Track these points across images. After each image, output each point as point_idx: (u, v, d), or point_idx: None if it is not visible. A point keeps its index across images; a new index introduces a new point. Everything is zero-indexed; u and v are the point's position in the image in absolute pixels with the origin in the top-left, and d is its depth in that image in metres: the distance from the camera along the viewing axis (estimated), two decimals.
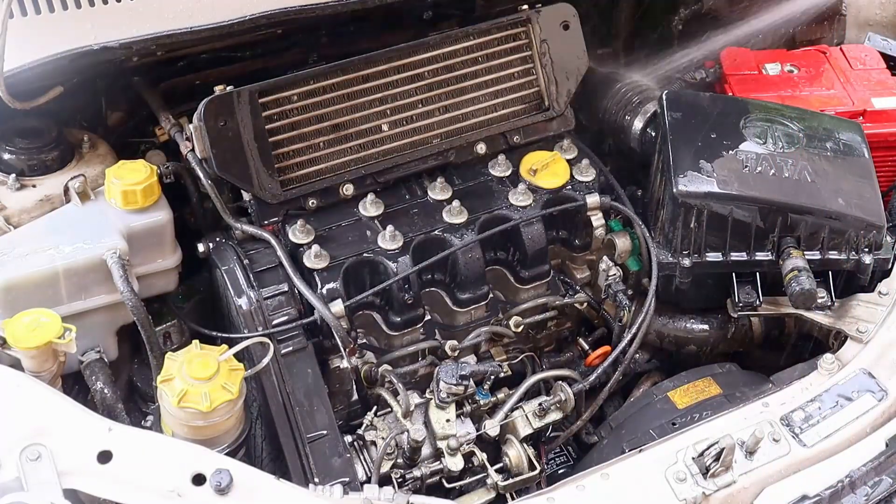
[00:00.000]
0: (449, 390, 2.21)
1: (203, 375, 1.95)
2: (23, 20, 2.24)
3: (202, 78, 2.52)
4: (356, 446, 2.20)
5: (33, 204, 2.34)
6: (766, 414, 2.02)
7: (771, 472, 1.93)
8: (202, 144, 2.28)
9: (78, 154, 2.46)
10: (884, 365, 2.11)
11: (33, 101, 2.31)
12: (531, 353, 2.51)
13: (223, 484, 1.72)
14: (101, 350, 2.23)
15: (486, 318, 2.44)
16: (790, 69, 2.95)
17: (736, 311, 2.40)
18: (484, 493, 2.20)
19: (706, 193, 2.35)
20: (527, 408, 2.31)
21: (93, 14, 2.28)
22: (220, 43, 2.43)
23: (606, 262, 2.49)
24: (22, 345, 1.97)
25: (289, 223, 2.36)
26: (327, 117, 2.40)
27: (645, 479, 1.91)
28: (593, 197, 2.48)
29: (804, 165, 2.40)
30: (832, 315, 2.32)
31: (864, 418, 2.01)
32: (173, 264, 2.36)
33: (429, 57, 2.47)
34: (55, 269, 2.15)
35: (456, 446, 2.19)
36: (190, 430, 1.95)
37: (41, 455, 1.71)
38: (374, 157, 2.45)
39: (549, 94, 2.59)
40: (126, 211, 2.28)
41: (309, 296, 2.21)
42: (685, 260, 2.40)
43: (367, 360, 2.31)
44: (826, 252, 2.37)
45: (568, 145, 2.59)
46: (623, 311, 2.43)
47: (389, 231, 2.34)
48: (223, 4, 2.32)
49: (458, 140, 2.52)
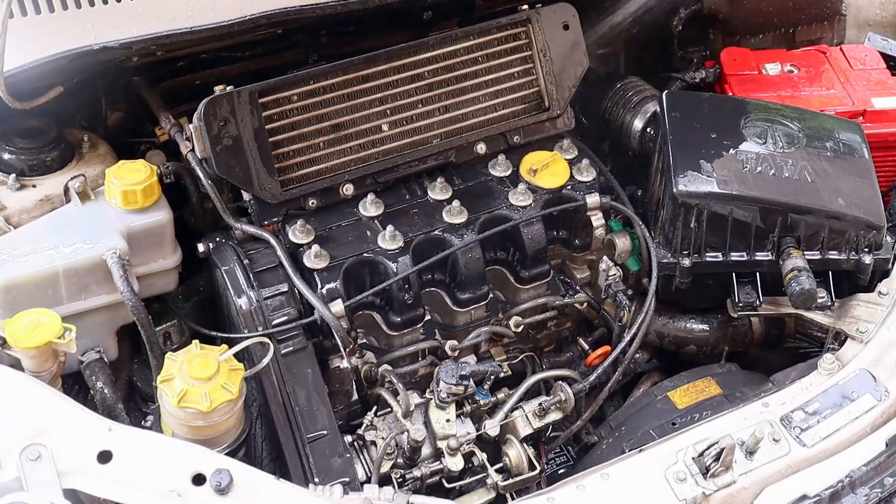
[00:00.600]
0: (449, 390, 2.21)
1: (203, 375, 1.95)
2: (23, 20, 2.24)
3: (202, 78, 2.52)
4: (356, 446, 2.20)
5: (33, 204, 2.34)
6: (766, 414, 2.02)
7: (771, 472, 1.93)
8: (202, 144, 2.28)
9: (78, 154, 2.46)
10: (884, 365, 2.11)
11: (33, 101, 2.30)
12: (531, 353, 2.51)
13: (223, 484, 1.72)
14: (101, 350, 2.23)
15: (486, 318, 2.44)
16: (790, 69, 2.96)
17: (736, 311, 2.41)
18: (484, 493, 2.20)
19: (706, 193, 2.35)
20: (527, 408, 2.31)
21: (93, 14, 2.28)
22: (220, 43, 2.43)
23: (606, 262, 2.49)
24: (22, 345, 1.96)
25: (289, 223, 2.36)
26: (327, 117, 2.40)
27: (645, 479, 1.91)
28: (593, 197, 2.48)
29: (804, 165, 2.40)
30: (832, 315, 2.32)
31: (864, 418, 2.01)
32: (173, 264, 2.36)
33: (429, 57, 2.47)
34: (55, 269, 2.15)
35: (456, 446, 2.19)
36: (190, 430, 1.95)
37: (41, 455, 1.71)
38: (374, 157, 2.45)
39: (549, 94, 2.59)
40: (126, 211, 2.28)
41: (309, 296, 2.21)
42: (685, 260, 2.40)
43: (367, 360, 2.32)
44: (826, 252, 2.37)
45: (568, 145, 2.59)
46: (623, 311, 2.43)
47: (389, 231, 2.34)
48: (223, 4, 2.32)
49: (458, 140, 2.52)
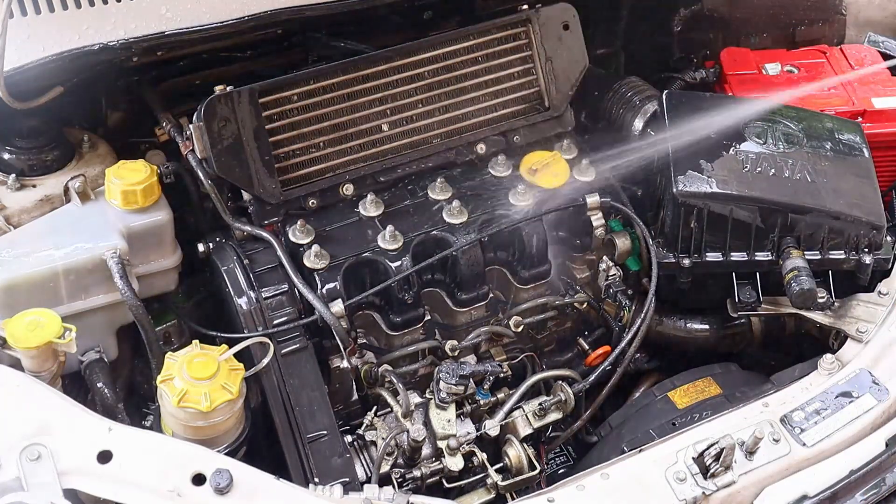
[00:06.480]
0: (449, 390, 2.21)
1: (203, 375, 1.95)
2: (23, 20, 2.24)
3: (202, 78, 2.52)
4: (356, 446, 2.20)
5: (33, 204, 2.34)
6: (766, 414, 2.02)
7: (771, 472, 1.93)
8: (202, 144, 2.28)
9: (78, 154, 2.46)
10: (884, 365, 2.11)
11: (33, 101, 2.30)
12: (531, 353, 2.51)
13: (223, 484, 1.72)
14: (101, 350, 2.23)
15: (486, 318, 2.44)
16: (790, 69, 2.95)
17: (736, 311, 2.40)
18: (484, 493, 2.20)
19: (706, 193, 2.34)
20: (527, 408, 2.31)
21: (93, 14, 2.28)
22: (220, 43, 2.43)
23: (606, 262, 2.49)
24: (22, 345, 1.96)
25: (289, 223, 2.36)
26: (327, 117, 2.40)
27: (645, 479, 1.91)
28: (593, 197, 2.48)
29: (804, 165, 2.40)
30: (832, 315, 2.32)
31: (865, 418, 2.01)
32: (173, 264, 2.36)
33: (429, 57, 2.47)
34: (55, 269, 2.14)
35: (456, 446, 2.19)
36: (190, 430, 1.95)
37: (41, 455, 1.71)
38: (374, 157, 2.45)
39: (549, 94, 2.59)
40: (126, 211, 2.28)
41: (309, 296, 2.21)
42: (685, 260, 2.40)
43: (367, 360, 2.31)
44: (826, 252, 2.37)
45: (568, 145, 2.59)
46: (623, 311, 2.43)
47: (389, 231, 2.34)
48: (223, 4, 2.32)
49: (458, 140, 2.52)
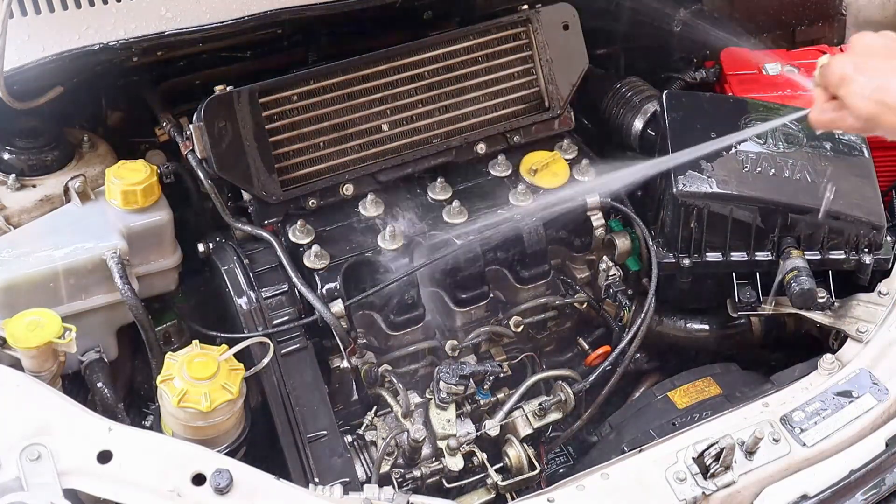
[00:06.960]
0: (449, 390, 2.21)
1: (203, 375, 1.95)
2: (23, 20, 2.24)
3: (202, 78, 2.51)
4: (356, 446, 2.20)
5: (33, 204, 2.34)
6: (766, 414, 2.02)
7: (771, 472, 1.93)
8: (202, 144, 2.28)
9: (78, 154, 2.45)
10: (884, 365, 2.10)
11: (33, 101, 2.30)
12: (531, 353, 2.51)
13: (223, 484, 1.72)
14: (101, 350, 2.23)
15: (486, 318, 2.44)
16: (790, 69, 2.95)
17: (736, 311, 2.40)
18: (484, 493, 2.20)
19: (706, 193, 2.34)
20: (527, 408, 2.31)
21: (93, 14, 2.28)
22: (220, 43, 2.43)
23: (606, 262, 2.48)
24: (22, 345, 1.96)
25: (289, 223, 2.36)
26: (327, 117, 2.40)
27: (645, 479, 1.90)
28: (593, 197, 2.48)
29: (804, 165, 2.40)
30: (832, 315, 2.32)
31: (864, 418, 2.01)
32: (173, 264, 2.36)
33: (429, 57, 2.47)
34: (55, 269, 2.14)
35: (456, 446, 2.19)
36: (190, 430, 1.95)
37: (41, 455, 1.71)
38: (374, 157, 2.45)
39: (549, 94, 2.59)
40: (126, 211, 2.27)
41: (309, 296, 2.21)
42: (685, 260, 2.40)
43: (367, 360, 2.31)
44: (826, 252, 2.37)
45: (568, 145, 2.59)
46: (623, 311, 2.43)
47: (389, 231, 2.34)
48: (223, 4, 2.32)
49: (458, 140, 2.52)
